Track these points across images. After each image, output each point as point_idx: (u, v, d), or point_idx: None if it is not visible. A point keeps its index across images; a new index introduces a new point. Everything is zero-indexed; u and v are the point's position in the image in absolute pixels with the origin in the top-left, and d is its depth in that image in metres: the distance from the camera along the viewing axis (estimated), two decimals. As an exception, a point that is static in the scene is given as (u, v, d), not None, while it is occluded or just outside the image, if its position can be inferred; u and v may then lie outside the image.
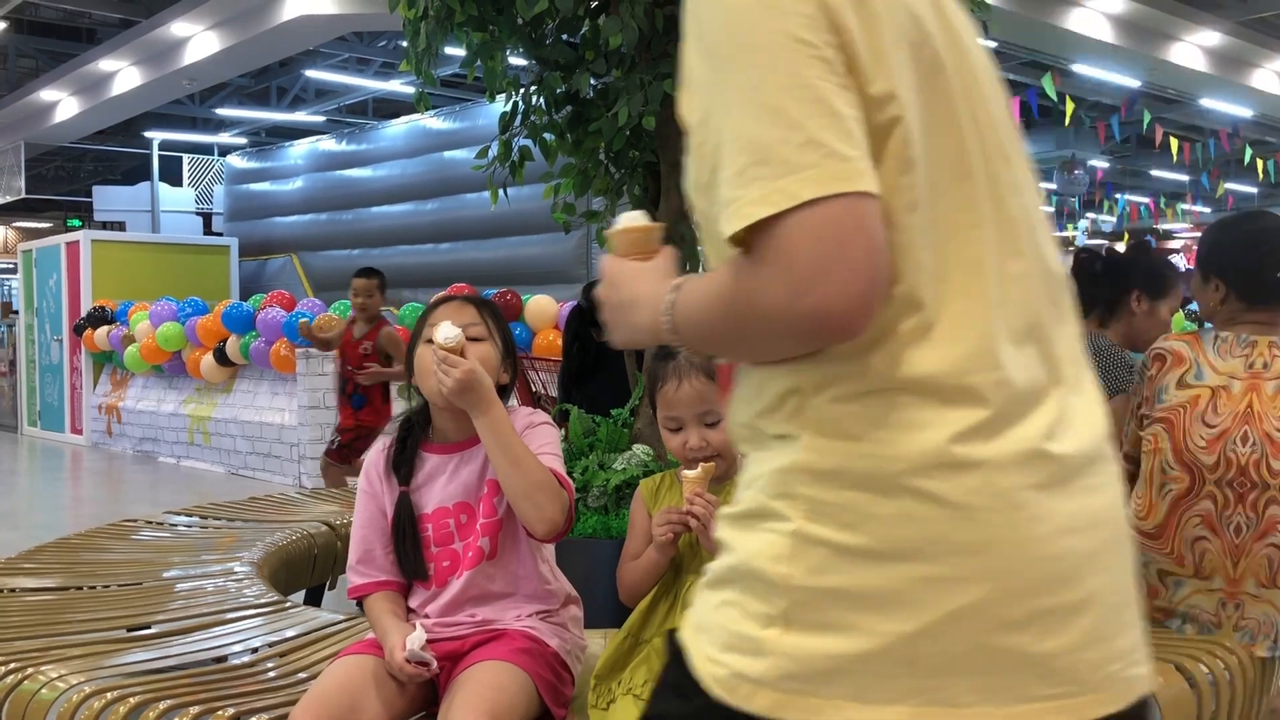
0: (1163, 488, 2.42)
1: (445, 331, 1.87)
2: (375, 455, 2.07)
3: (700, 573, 1.87)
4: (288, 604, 2.60)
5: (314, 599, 3.53)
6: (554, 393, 5.78)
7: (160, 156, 15.99)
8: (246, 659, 2.16)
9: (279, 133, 17.15)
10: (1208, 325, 2.55)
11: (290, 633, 2.33)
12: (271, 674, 2.07)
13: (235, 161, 15.11)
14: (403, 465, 2.01)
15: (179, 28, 10.87)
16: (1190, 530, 2.38)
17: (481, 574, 1.97)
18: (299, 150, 13.61)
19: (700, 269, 3.26)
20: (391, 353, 5.35)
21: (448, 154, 10.75)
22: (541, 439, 1.96)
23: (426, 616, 1.98)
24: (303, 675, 2.06)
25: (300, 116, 15.93)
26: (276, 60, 12.41)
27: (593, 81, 3.23)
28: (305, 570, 3.33)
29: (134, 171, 18.00)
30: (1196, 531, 2.37)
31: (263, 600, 2.61)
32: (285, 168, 13.70)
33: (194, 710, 1.83)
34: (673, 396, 1.87)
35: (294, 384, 8.34)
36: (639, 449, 3.22)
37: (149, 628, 2.36)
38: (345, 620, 2.43)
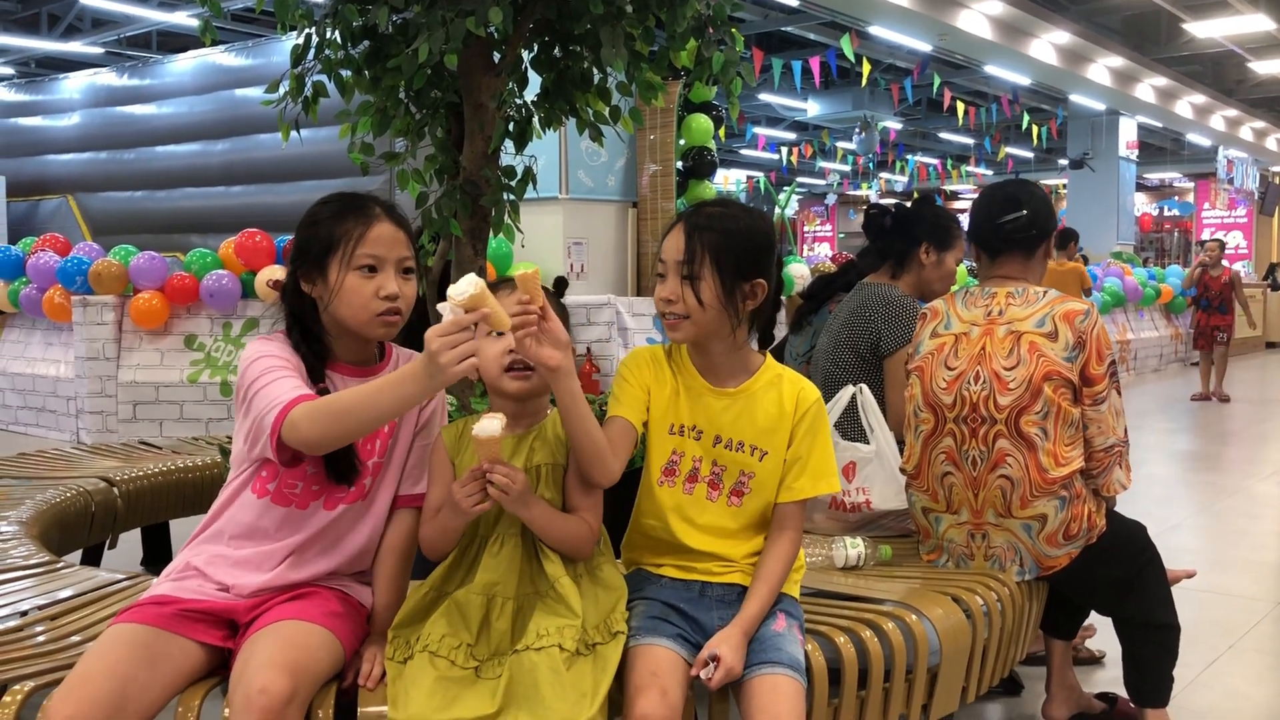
0: (916, 430, 2.62)
1: (460, 286, 1.56)
2: (280, 345, 1.83)
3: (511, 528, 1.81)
4: (60, 564, 2.44)
5: (92, 559, 3.34)
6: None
7: (-87, 85, 14.57)
8: (13, 623, 2.02)
9: (51, 64, 15.93)
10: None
11: (64, 594, 2.19)
12: (41, 638, 1.94)
13: (2, 94, 13.90)
14: (315, 377, 1.83)
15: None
16: (939, 467, 2.56)
17: (349, 514, 1.86)
18: (75, 84, 12.63)
19: (503, 217, 3.20)
20: None
21: (240, 92, 10.18)
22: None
23: (281, 540, 1.82)
24: (76, 638, 1.93)
25: (75, 47, 14.81)
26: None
27: (393, 17, 3.11)
28: (81, 529, 3.14)
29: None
30: (944, 468, 2.55)
31: (32, 561, 2.44)
32: (59, 101, 12.70)
33: (-49, 679, 1.69)
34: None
35: (70, 334, 7.81)
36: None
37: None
38: (126, 579, 2.29)
